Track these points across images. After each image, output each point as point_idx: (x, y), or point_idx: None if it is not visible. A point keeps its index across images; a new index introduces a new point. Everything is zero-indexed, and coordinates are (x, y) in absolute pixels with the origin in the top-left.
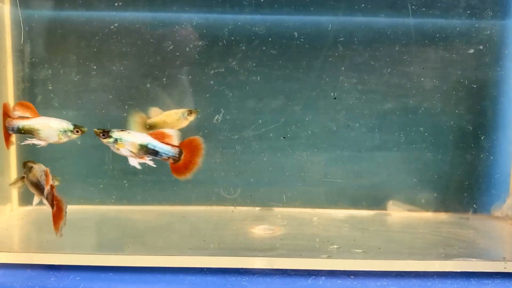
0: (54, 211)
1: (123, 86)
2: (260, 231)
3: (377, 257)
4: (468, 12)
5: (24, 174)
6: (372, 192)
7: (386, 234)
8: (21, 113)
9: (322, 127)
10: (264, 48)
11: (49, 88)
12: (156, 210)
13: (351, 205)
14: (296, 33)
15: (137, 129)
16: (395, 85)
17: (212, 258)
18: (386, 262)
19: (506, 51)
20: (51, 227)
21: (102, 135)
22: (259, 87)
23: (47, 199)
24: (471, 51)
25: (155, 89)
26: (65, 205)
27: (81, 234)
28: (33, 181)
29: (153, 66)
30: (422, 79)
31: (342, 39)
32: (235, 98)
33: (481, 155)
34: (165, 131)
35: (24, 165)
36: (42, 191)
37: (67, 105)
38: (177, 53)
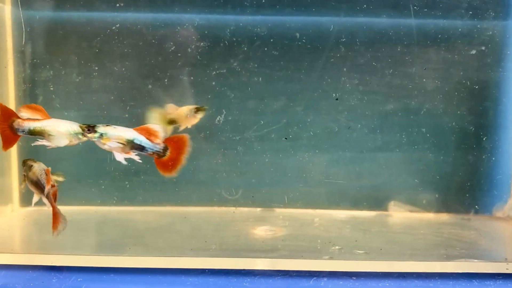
0: (53, 212)
1: (124, 87)
2: (261, 232)
3: (378, 258)
4: (470, 13)
5: (24, 173)
6: (373, 193)
7: (387, 235)
8: (29, 115)
9: (324, 128)
10: (265, 49)
11: (51, 89)
12: (157, 210)
13: (353, 206)
14: (298, 34)
15: (157, 124)
16: (397, 86)
17: (213, 259)
18: (388, 263)
19: (508, 52)
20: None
21: (88, 130)
22: (260, 88)
23: (47, 198)
24: (473, 52)
25: (156, 89)
26: (64, 222)
27: (82, 235)
28: (33, 179)
29: (154, 67)
30: (424, 80)
31: (344, 40)
32: (237, 99)
33: (483, 156)
34: (150, 127)
35: (24, 164)
36: (42, 189)
37: (69, 106)
38: (179, 54)
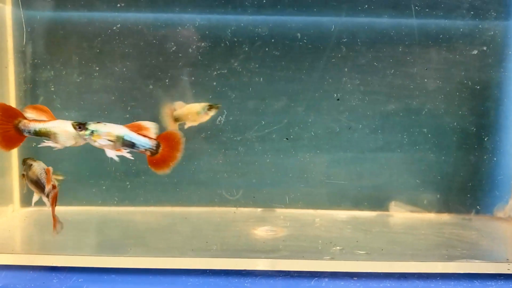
0: (52, 208)
1: (125, 87)
2: (262, 232)
3: (380, 259)
4: (472, 13)
5: (24, 172)
6: (374, 193)
7: (388, 235)
8: (34, 116)
9: (325, 128)
10: (267, 49)
11: (51, 89)
12: (158, 211)
13: (354, 206)
14: (299, 34)
15: (167, 121)
16: (398, 86)
17: (214, 259)
18: (389, 263)
19: (509, 52)
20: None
21: (79, 128)
22: (261, 88)
23: (48, 197)
24: (475, 52)
25: (157, 90)
26: (61, 224)
27: (83, 235)
28: (32, 179)
29: (155, 67)
30: (426, 80)
31: (345, 40)
32: (238, 99)
33: (484, 156)
34: (142, 123)
35: (24, 163)
36: (42, 189)
37: (69, 106)
38: (180, 54)
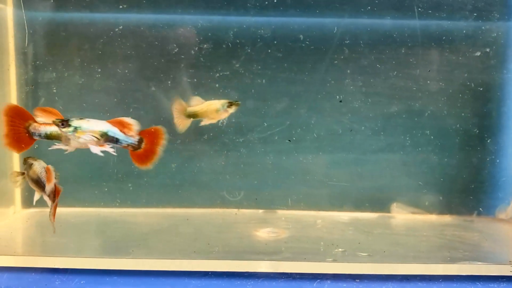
0: (53, 206)
1: (127, 88)
2: (264, 234)
3: (382, 261)
4: (475, 14)
5: (25, 171)
6: (376, 194)
7: (390, 237)
8: (44, 119)
9: (327, 130)
10: (269, 50)
11: (53, 91)
12: (160, 212)
13: (355, 207)
14: (302, 36)
15: (177, 116)
16: (401, 87)
17: (216, 261)
18: (391, 265)
19: None
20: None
21: (62, 125)
22: (264, 89)
23: (49, 196)
24: (478, 53)
25: (158, 92)
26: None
27: (85, 237)
28: (33, 177)
29: (157, 69)
30: (428, 81)
31: (347, 41)
32: (240, 101)
33: (487, 158)
34: (124, 119)
35: (24, 162)
36: (43, 187)
37: (71, 108)
38: (182, 56)
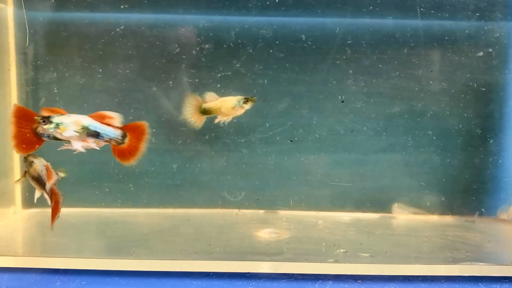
0: (52, 205)
1: (128, 89)
2: (265, 234)
3: (384, 261)
4: (477, 14)
5: (26, 169)
6: (378, 195)
7: (392, 237)
8: None
9: (329, 130)
10: (271, 51)
11: (54, 91)
12: (161, 213)
13: (357, 208)
14: (303, 36)
15: (191, 112)
16: (403, 88)
17: (218, 262)
18: (393, 266)
19: None
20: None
21: (43, 122)
22: (265, 90)
23: (49, 194)
24: (480, 54)
25: (159, 92)
26: (62, 198)
27: (86, 237)
28: (34, 175)
29: (159, 69)
30: (430, 82)
31: (349, 41)
32: None
33: (489, 159)
34: (106, 113)
35: (25, 159)
36: (43, 185)
37: (72, 108)
38: (184, 56)
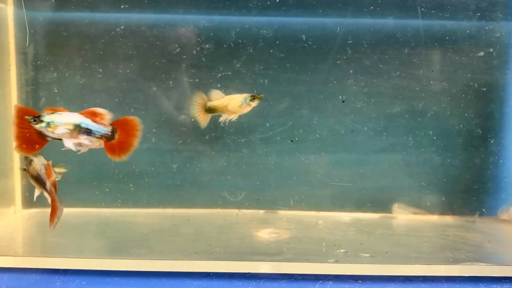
0: (52, 205)
1: (128, 89)
2: (265, 234)
3: (384, 262)
4: (478, 14)
5: (25, 167)
6: (378, 195)
7: (392, 237)
8: None
9: (329, 130)
10: (271, 50)
11: (54, 91)
12: (161, 213)
13: (357, 208)
14: (304, 36)
15: (197, 110)
16: (403, 88)
17: (218, 262)
18: (394, 266)
19: None
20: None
21: (34, 121)
22: (266, 90)
23: (49, 192)
24: (481, 53)
25: (159, 92)
26: (61, 207)
27: (86, 237)
28: (33, 174)
29: (159, 69)
30: (431, 82)
31: (350, 41)
32: None
33: (490, 159)
34: (96, 110)
35: (25, 158)
36: (42, 184)
37: (72, 108)
38: (184, 56)
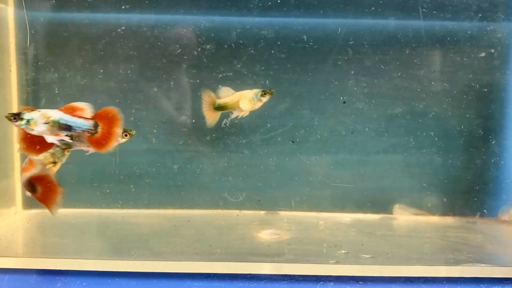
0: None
1: (129, 89)
2: (266, 235)
3: (385, 263)
4: (480, 15)
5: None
6: (379, 195)
7: (393, 238)
8: None
9: (330, 131)
10: (272, 51)
11: (55, 91)
12: (162, 214)
13: (358, 209)
14: (305, 37)
15: (205, 108)
16: (404, 88)
17: (219, 263)
18: (395, 267)
19: None
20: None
21: (14, 119)
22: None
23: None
24: (482, 54)
25: (160, 93)
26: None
27: (87, 238)
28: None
29: (160, 70)
30: (432, 82)
31: (351, 42)
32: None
33: (491, 160)
34: (76, 104)
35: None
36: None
37: None
38: (185, 57)
